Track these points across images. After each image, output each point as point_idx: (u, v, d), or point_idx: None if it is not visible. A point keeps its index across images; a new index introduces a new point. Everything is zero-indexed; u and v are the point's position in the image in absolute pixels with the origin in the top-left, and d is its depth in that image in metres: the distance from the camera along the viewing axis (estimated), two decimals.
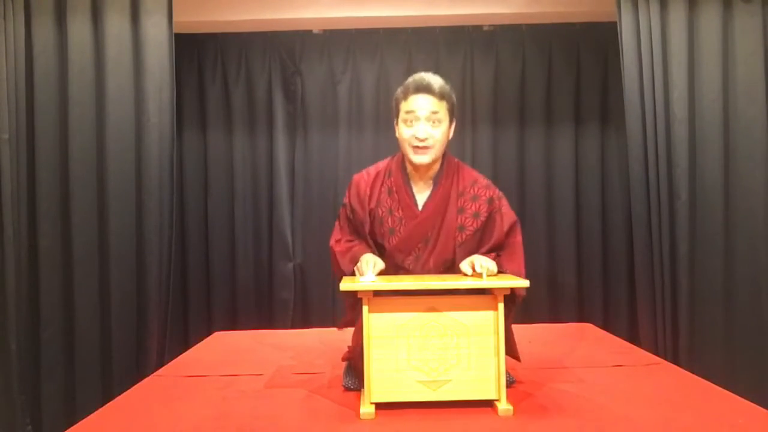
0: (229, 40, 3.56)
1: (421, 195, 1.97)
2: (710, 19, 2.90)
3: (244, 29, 3.47)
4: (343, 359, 2.02)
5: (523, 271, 1.89)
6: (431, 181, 1.97)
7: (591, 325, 3.04)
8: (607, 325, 3.34)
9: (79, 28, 2.82)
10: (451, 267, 1.94)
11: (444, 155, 1.98)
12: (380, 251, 1.97)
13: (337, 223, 2.08)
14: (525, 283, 1.67)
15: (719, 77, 2.89)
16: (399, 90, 1.95)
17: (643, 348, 2.61)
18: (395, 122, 1.98)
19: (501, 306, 1.68)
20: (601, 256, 3.57)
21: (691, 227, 2.88)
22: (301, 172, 3.59)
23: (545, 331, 2.92)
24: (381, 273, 1.80)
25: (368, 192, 1.97)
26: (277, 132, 3.58)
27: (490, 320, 1.68)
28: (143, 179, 2.85)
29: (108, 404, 1.84)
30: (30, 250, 2.77)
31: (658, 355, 2.51)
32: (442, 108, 1.90)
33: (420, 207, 1.95)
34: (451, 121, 1.95)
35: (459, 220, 1.93)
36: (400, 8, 3.28)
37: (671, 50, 2.89)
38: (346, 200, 2.04)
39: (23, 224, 2.75)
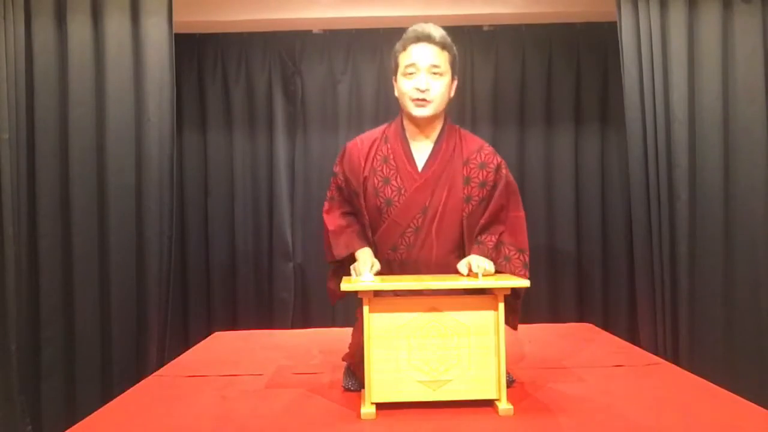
0: (229, 40, 3.56)
1: (422, 158, 1.87)
2: (710, 19, 2.90)
3: (244, 29, 3.47)
4: (344, 360, 2.02)
5: (526, 247, 1.86)
6: (431, 144, 1.88)
7: (591, 325, 3.04)
8: (607, 325, 3.34)
9: (79, 28, 2.82)
10: (456, 248, 1.88)
11: (444, 117, 1.91)
12: (374, 229, 1.90)
13: (328, 193, 2.00)
14: (525, 283, 1.67)
15: (719, 77, 2.89)
16: (398, 43, 1.86)
17: (643, 348, 2.61)
18: (394, 79, 1.89)
19: (501, 306, 1.68)
20: (601, 256, 3.57)
21: (691, 227, 2.88)
22: (301, 172, 3.59)
23: (545, 331, 2.92)
24: (378, 273, 1.80)
25: (362, 163, 1.88)
26: (277, 132, 3.58)
27: (491, 320, 1.68)
28: (143, 179, 2.85)
29: (108, 404, 1.84)
30: (30, 250, 2.77)
31: (658, 355, 2.51)
32: (443, 59, 1.82)
33: (420, 169, 1.86)
34: (453, 76, 1.87)
35: (466, 190, 1.85)
36: (400, 8, 3.28)
37: (671, 50, 2.89)
38: (337, 169, 1.96)
39: (23, 224, 2.75)
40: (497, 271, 1.83)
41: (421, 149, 1.89)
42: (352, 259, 1.91)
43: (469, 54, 3.55)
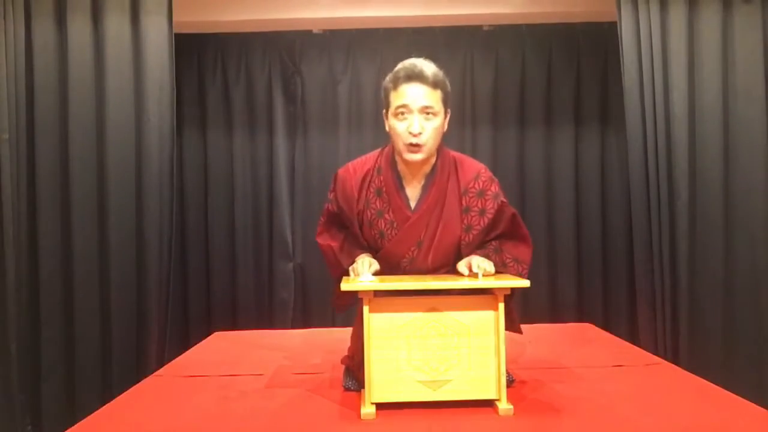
0: (229, 40, 3.56)
1: (414, 194, 1.86)
2: (710, 19, 2.90)
3: (244, 29, 3.47)
4: (343, 363, 2.01)
5: (527, 260, 1.85)
6: (423, 179, 1.85)
7: (591, 325, 3.04)
8: (607, 325, 3.34)
9: (79, 28, 2.82)
10: (452, 270, 1.89)
11: (439, 150, 1.86)
12: (373, 253, 1.91)
13: (321, 218, 1.98)
14: (525, 283, 1.67)
15: (719, 77, 2.90)
16: (388, 78, 1.80)
17: (643, 348, 2.61)
18: (384, 114, 1.85)
19: (501, 306, 1.68)
20: (601, 256, 3.57)
21: (691, 227, 2.88)
22: (301, 172, 3.59)
23: (545, 331, 2.92)
24: (376, 274, 1.80)
25: (355, 195, 1.85)
26: (277, 132, 3.58)
27: (491, 320, 1.68)
28: (143, 179, 2.85)
29: (108, 404, 1.84)
30: (30, 249, 2.77)
31: (658, 355, 2.51)
32: (435, 98, 1.76)
33: (412, 207, 1.85)
34: (446, 113, 1.82)
35: (466, 220, 1.83)
36: (400, 8, 3.28)
37: (671, 50, 2.89)
38: (331, 196, 1.93)
39: (23, 224, 2.75)
40: (497, 272, 1.83)
41: (414, 186, 1.86)
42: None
43: (469, 54, 3.55)
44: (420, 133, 1.74)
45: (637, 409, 1.68)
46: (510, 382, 1.86)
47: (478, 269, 1.70)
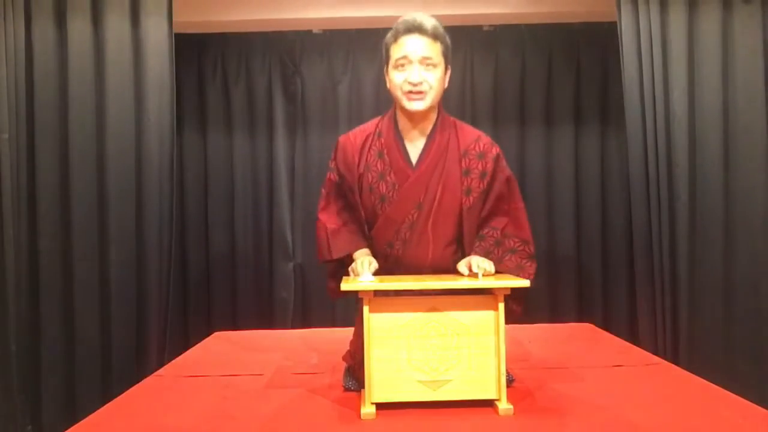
0: (229, 40, 3.56)
1: (415, 151, 1.83)
2: (710, 19, 2.90)
3: (244, 29, 3.47)
4: (344, 360, 2.02)
5: (530, 238, 1.88)
6: (425, 137, 1.83)
7: (591, 325, 3.04)
8: (607, 325, 3.34)
9: (79, 29, 2.82)
10: (453, 243, 1.87)
11: (439, 109, 1.86)
12: (370, 225, 1.89)
13: (323, 190, 1.96)
14: (525, 282, 1.67)
15: (719, 77, 2.89)
16: (389, 34, 1.79)
17: (643, 348, 2.61)
18: (385, 70, 1.84)
19: (501, 306, 1.68)
20: (601, 256, 3.57)
21: (691, 227, 2.88)
22: (301, 172, 3.59)
23: (545, 331, 2.92)
24: (376, 273, 1.80)
25: (356, 160, 1.83)
26: (277, 132, 3.58)
27: (491, 320, 1.68)
28: (143, 179, 2.85)
29: (108, 404, 1.84)
30: (30, 250, 2.77)
31: (658, 355, 2.51)
32: (435, 50, 1.75)
33: (414, 164, 1.82)
34: (446, 67, 1.81)
35: (465, 182, 1.81)
36: (400, 8, 3.27)
37: (671, 50, 2.89)
38: (332, 164, 1.92)
39: (23, 224, 2.75)
40: (499, 269, 1.83)
41: (415, 143, 1.85)
42: (350, 257, 1.90)
43: (469, 54, 3.55)
44: (420, 83, 1.74)
45: (637, 409, 1.69)
46: (510, 382, 1.86)
47: (478, 269, 1.70)
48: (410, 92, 1.76)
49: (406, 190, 1.81)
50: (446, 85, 1.84)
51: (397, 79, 1.78)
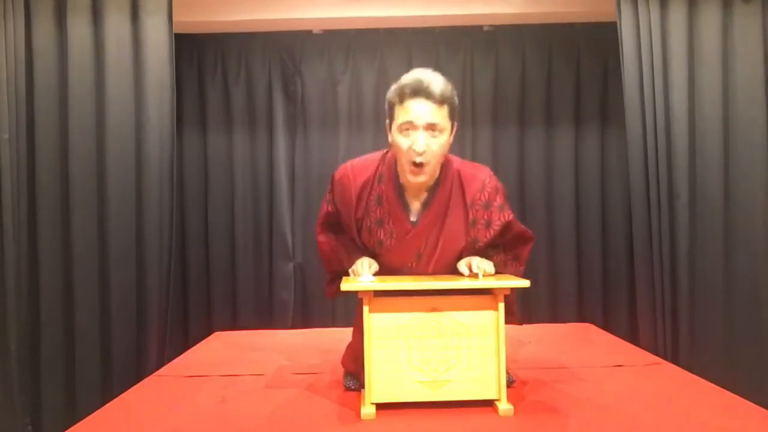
0: (229, 40, 3.56)
1: (416, 206, 1.82)
2: (710, 19, 2.90)
3: (244, 29, 3.47)
4: (343, 365, 2.01)
5: (525, 257, 1.90)
6: (426, 193, 1.82)
7: (591, 325, 3.05)
8: (607, 325, 3.34)
9: (79, 28, 2.82)
10: (452, 270, 1.88)
11: (442, 162, 1.81)
12: (371, 256, 1.89)
13: (319, 220, 1.96)
14: (525, 283, 1.67)
15: (719, 77, 2.89)
16: (394, 90, 1.73)
17: (643, 348, 2.61)
18: (388, 126, 1.79)
19: (501, 306, 1.68)
20: (601, 256, 3.56)
21: (691, 227, 2.88)
22: (301, 172, 3.59)
23: (545, 331, 2.93)
24: (376, 274, 1.80)
25: (354, 202, 1.81)
26: (277, 132, 3.58)
27: (491, 320, 1.68)
28: (143, 179, 2.85)
29: (108, 404, 1.84)
30: (30, 250, 2.77)
31: (658, 355, 2.51)
32: (442, 115, 1.69)
33: (413, 221, 1.81)
34: (452, 127, 1.76)
35: (472, 233, 1.80)
36: (400, 8, 3.28)
37: (671, 50, 2.89)
38: (329, 196, 1.92)
39: (23, 224, 2.75)
40: (497, 272, 1.83)
41: (416, 196, 1.82)
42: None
43: (469, 54, 3.55)
44: (424, 151, 1.68)
45: (637, 409, 1.69)
46: (510, 382, 1.86)
47: (478, 269, 1.70)
48: (413, 164, 1.69)
49: (405, 243, 1.81)
50: (451, 140, 1.77)
51: (402, 145, 1.70)
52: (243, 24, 3.36)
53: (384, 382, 1.65)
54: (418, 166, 1.69)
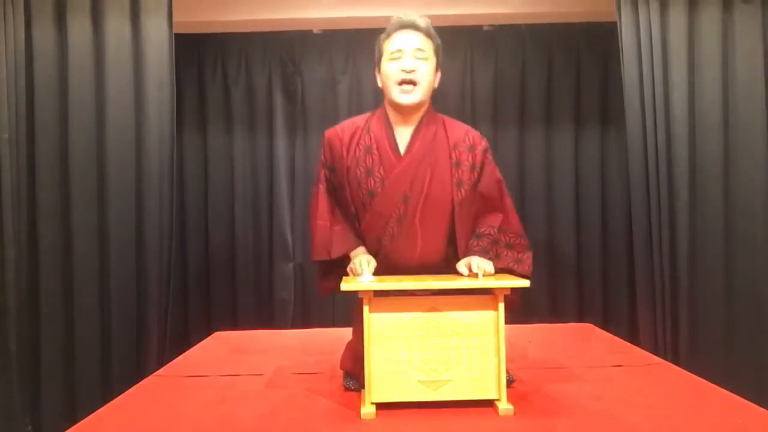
0: (229, 40, 3.56)
1: (404, 141, 1.84)
2: (710, 19, 2.90)
3: (244, 29, 3.47)
4: (341, 368, 2.01)
5: (523, 231, 1.88)
6: (414, 127, 1.85)
7: (591, 325, 3.04)
8: (607, 325, 3.34)
9: (79, 28, 2.82)
10: (443, 237, 1.86)
11: (428, 105, 1.88)
12: (359, 220, 1.89)
13: (313, 189, 1.95)
14: (525, 283, 1.67)
15: (719, 77, 2.89)
16: (382, 34, 1.85)
17: (643, 348, 2.61)
18: (377, 69, 1.86)
19: (501, 306, 1.68)
20: (601, 256, 3.57)
21: (691, 227, 2.88)
22: (301, 172, 3.59)
23: (545, 331, 2.92)
24: (375, 272, 1.80)
25: (343, 153, 1.84)
26: (277, 132, 3.58)
27: (491, 320, 1.68)
28: (143, 179, 2.85)
29: (108, 404, 1.84)
30: (30, 250, 2.77)
31: (658, 355, 2.51)
32: (428, 45, 1.79)
33: (401, 152, 1.83)
34: (437, 66, 1.84)
35: (457, 174, 1.82)
36: (400, 8, 3.26)
37: (671, 50, 2.89)
38: (322, 158, 1.93)
39: (23, 224, 2.75)
40: (498, 265, 1.82)
41: (404, 136, 1.85)
42: (343, 257, 1.89)
43: (469, 54, 3.55)
44: (413, 70, 1.76)
45: (637, 409, 1.69)
46: (510, 382, 1.86)
47: (477, 269, 1.70)
48: (404, 81, 1.77)
49: (392, 182, 1.81)
50: (436, 85, 1.86)
51: (390, 69, 1.79)
52: (243, 24, 3.36)
53: (384, 382, 1.65)
54: (408, 83, 1.77)
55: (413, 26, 1.79)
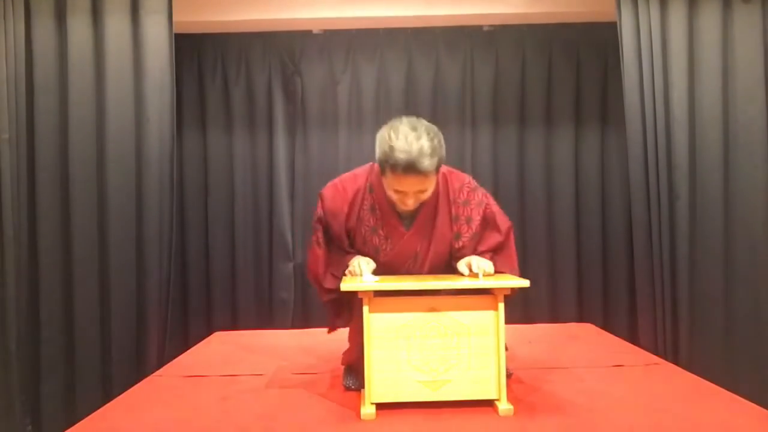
0: (229, 40, 3.56)
1: (407, 214, 1.89)
2: (710, 19, 2.90)
3: (244, 29, 3.47)
4: (343, 364, 2.02)
5: (517, 271, 1.90)
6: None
7: (591, 325, 3.05)
8: (607, 325, 3.34)
9: (79, 28, 2.82)
10: (452, 270, 1.90)
11: None
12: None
13: (315, 248, 1.96)
14: (525, 282, 1.67)
15: (719, 77, 2.89)
16: (387, 151, 1.71)
17: (643, 348, 2.61)
18: (381, 168, 1.79)
19: (501, 306, 1.68)
20: (601, 256, 3.56)
21: (691, 227, 2.88)
22: (301, 172, 3.59)
23: (545, 331, 2.93)
24: (374, 273, 1.80)
25: (346, 209, 1.88)
26: (277, 132, 3.58)
27: (490, 320, 1.68)
28: (143, 179, 2.85)
29: (108, 404, 1.84)
30: (30, 250, 2.77)
31: (658, 355, 2.51)
32: (430, 179, 1.76)
33: (406, 225, 1.89)
34: (438, 168, 1.78)
35: (454, 228, 1.90)
36: (400, 8, 3.28)
37: (671, 50, 2.89)
38: (319, 213, 1.95)
39: (23, 224, 2.75)
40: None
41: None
42: (348, 296, 1.82)
43: (469, 54, 3.55)
44: (415, 207, 1.84)
45: (637, 409, 1.69)
46: (508, 375, 1.86)
47: (478, 269, 1.70)
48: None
49: (401, 247, 1.89)
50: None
51: (392, 196, 1.81)
52: (243, 24, 3.36)
53: (384, 382, 1.65)
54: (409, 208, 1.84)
55: (415, 171, 1.70)
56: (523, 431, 1.55)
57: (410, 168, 1.69)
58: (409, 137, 1.69)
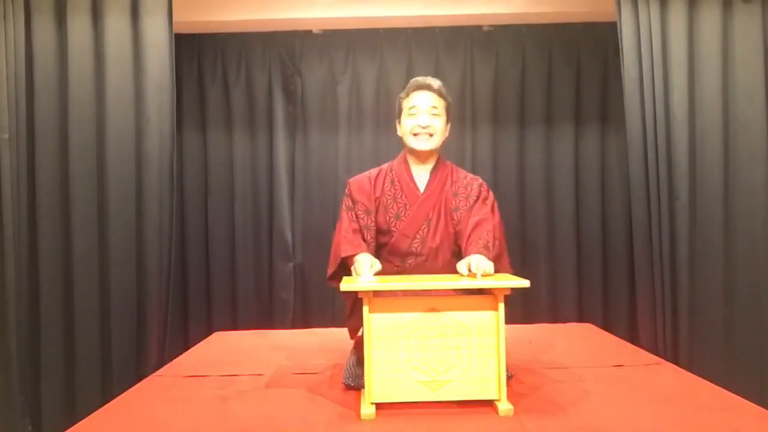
0: (229, 40, 3.56)
1: (422, 181, 2.19)
2: (710, 19, 2.90)
3: (244, 29, 3.47)
4: (352, 352, 2.03)
5: (503, 241, 2.11)
6: (429, 171, 2.21)
7: (591, 325, 3.05)
8: (607, 325, 3.34)
9: (79, 28, 2.82)
10: (455, 254, 2.11)
11: (438, 155, 2.22)
12: (384, 242, 2.13)
13: (341, 215, 2.17)
14: (525, 282, 1.67)
15: (719, 77, 2.89)
16: (402, 93, 2.21)
17: (643, 348, 2.61)
18: (398, 121, 2.22)
19: (501, 306, 1.68)
20: (601, 256, 3.56)
21: (691, 227, 2.88)
22: (301, 172, 3.59)
23: (545, 331, 2.93)
24: (379, 273, 1.80)
25: (372, 185, 2.18)
26: (277, 132, 3.58)
27: (490, 320, 1.68)
28: (143, 179, 2.85)
29: (108, 404, 1.84)
30: (30, 250, 2.77)
31: (658, 355, 2.51)
32: (440, 104, 2.15)
33: (422, 189, 2.17)
34: (447, 119, 2.19)
35: (454, 202, 2.16)
36: (400, 8, 3.28)
37: (671, 50, 2.89)
38: (347, 192, 2.19)
39: (23, 224, 2.75)
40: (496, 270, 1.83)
41: (421, 175, 2.20)
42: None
43: (469, 54, 3.55)
44: (428, 126, 2.13)
45: (637, 409, 1.69)
46: (509, 377, 1.86)
47: (477, 269, 1.70)
48: (419, 134, 2.13)
49: (417, 208, 2.14)
50: (447, 134, 2.21)
51: (407, 124, 2.15)
52: (243, 24, 3.36)
53: (384, 382, 1.66)
54: (424, 133, 2.13)
55: (427, 87, 2.14)
56: (522, 431, 1.55)
57: (422, 85, 2.14)
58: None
